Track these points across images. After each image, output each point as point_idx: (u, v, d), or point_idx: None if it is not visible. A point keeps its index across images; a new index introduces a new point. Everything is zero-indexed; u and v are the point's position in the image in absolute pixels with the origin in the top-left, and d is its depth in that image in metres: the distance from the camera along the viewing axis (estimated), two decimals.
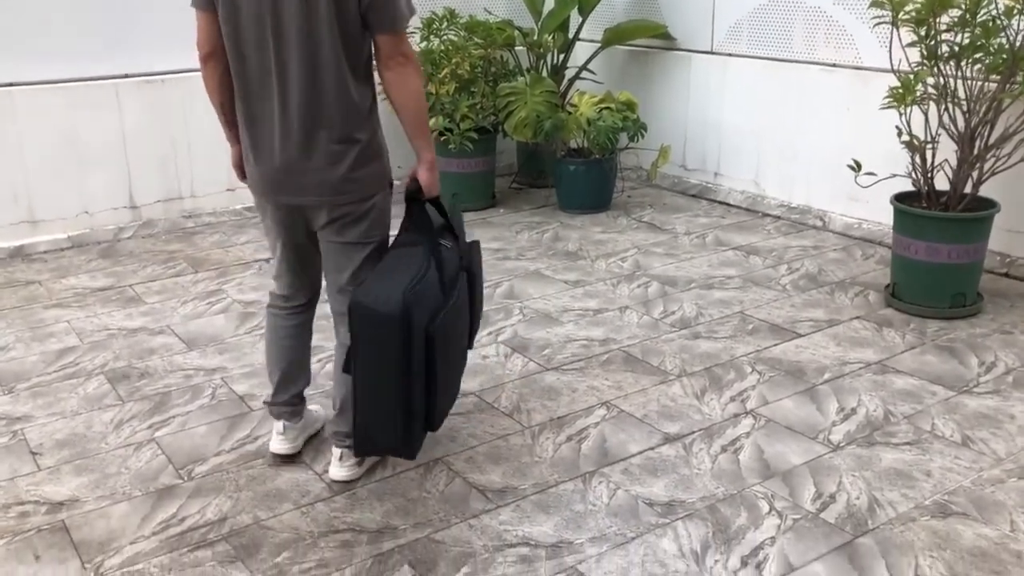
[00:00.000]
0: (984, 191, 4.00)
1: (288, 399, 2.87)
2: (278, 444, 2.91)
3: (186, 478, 2.85)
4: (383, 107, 2.56)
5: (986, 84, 3.88)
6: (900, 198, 4.08)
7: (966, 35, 3.81)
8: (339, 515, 2.65)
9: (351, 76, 2.45)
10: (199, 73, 2.62)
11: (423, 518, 2.64)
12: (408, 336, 2.36)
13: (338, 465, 2.80)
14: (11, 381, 3.51)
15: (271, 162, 2.54)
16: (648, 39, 6.04)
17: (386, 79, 2.47)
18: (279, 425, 2.90)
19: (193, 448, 3.02)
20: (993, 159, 3.92)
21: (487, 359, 3.61)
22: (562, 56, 6.01)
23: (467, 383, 3.39)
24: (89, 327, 4.00)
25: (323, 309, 2.87)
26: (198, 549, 2.51)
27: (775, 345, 3.73)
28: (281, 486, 2.80)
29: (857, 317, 4.00)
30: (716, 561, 2.43)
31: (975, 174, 3.94)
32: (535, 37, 5.88)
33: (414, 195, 2.63)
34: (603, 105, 5.47)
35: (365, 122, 2.52)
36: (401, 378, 2.41)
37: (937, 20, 3.83)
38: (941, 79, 3.93)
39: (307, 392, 2.98)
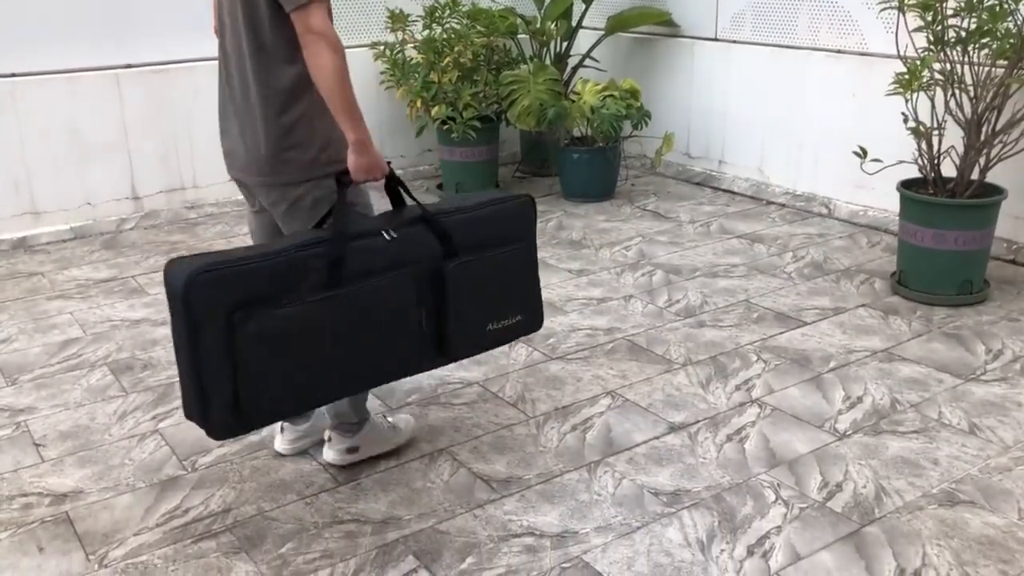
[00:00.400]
0: (991, 177, 3.97)
1: None
2: (277, 442, 2.92)
3: (190, 469, 2.85)
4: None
5: (993, 69, 3.85)
6: (906, 185, 4.05)
7: (973, 20, 3.78)
8: (343, 506, 2.64)
9: (272, 57, 2.41)
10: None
11: (427, 508, 2.63)
12: (189, 314, 2.22)
13: (327, 446, 2.82)
14: (14, 373, 3.50)
15: (224, 138, 2.63)
16: (651, 26, 6.01)
17: (304, 57, 2.38)
18: (279, 425, 2.91)
19: (197, 439, 3.01)
20: (1000, 145, 3.89)
21: None
22: (565, 44, 5.98)
23: (471, 373, 3.38)
24: (92, 318, 3.99)
25: None
26: (202, 540, 2.51)
27: (780, 333, 3.72)
28: (285, 477, 2.79)
29: (863, 305, 3.98)
30: (722, 551, 2.42)
31: (982, 160, 3.91)
32: (538, 25, 5.86)
33: (338, 177, 2.47)
34: (606, 93, 5.44)
35: (291, 105, 2.44)
36: (189, 354, 2.27)
37: (943, 5, 3.80)
38: (948, 65, 3.90)
39: None
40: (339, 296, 2.36)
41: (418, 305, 2.49)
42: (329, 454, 2.82)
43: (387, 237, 2.44)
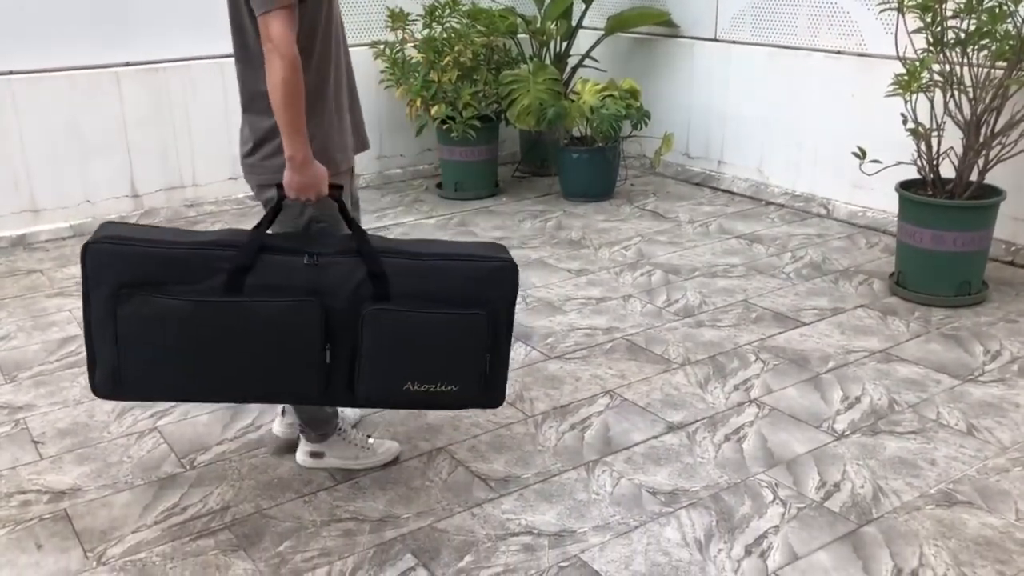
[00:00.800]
0: (990, 179, 3.97)
1: None
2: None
3: (188, 467, 2.85)
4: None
5: (992, 71, 3.86)
6: (905, 186, 4.05)
7: (972, 21, 3.78)
8: (341, 504, 2.65)
9: (256, 60, 2.38)
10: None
11: (426, 507, 2.63)
12: (84, 276, 2.31)
13: (299, 445, 2.85)
14: (13, 370, 3.50)
15: None
16: (651, 26, 6.01)
17: None
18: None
19: (195, 437, 3.01)
20: (999, 146, 3.90)
21: None
22: (565, 44, 5.98)
23: None
24: None
25: None
26: (200, 538, 2.51)
27: (779, 333, 3.72)
28: (283, 475, 2.79)
29: (861, 305, 3.98)
30: (720, 550, 2.43)
31: (981, 161, 3.92)
32: (538, 25, 5.86)
33: (277, 187, 2.40)
34: (606, 93, 5.45)
35: (270, 108, 2.38)
36: (85, 311, 2.34)
37: (943, 6, 3.80)
38: (947, 66, 3.90)
39: None
40: (236, 304, 2.32)
41: (325, 338, 2.35)
42: (297, 453, 2.85)
43: (305, 261, 2.35)
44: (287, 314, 2.33)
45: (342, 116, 2.54)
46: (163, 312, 2.30)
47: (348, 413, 3.04)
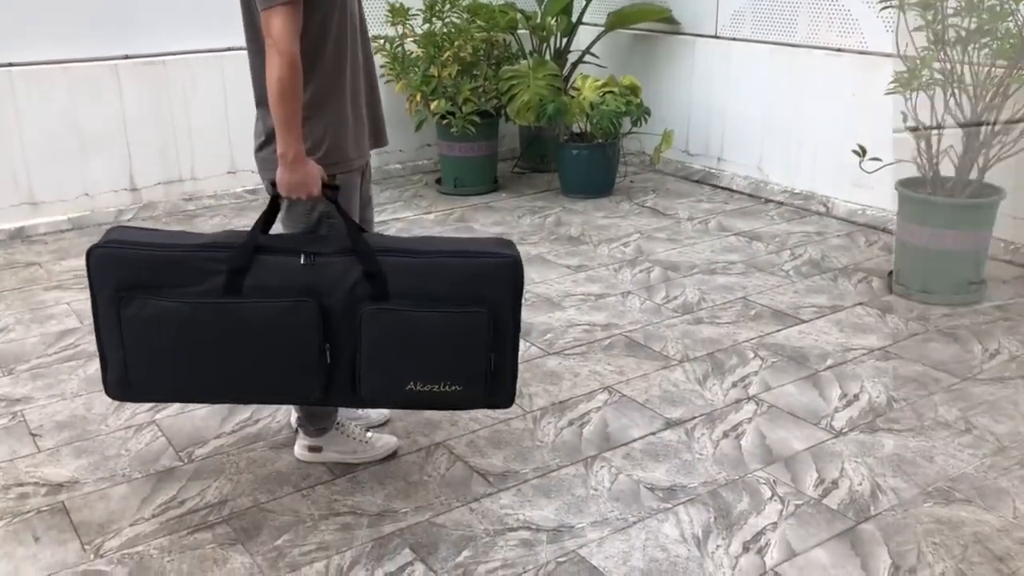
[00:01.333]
0: (989, 177, 3.97)
1: None
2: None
3: (186, 460, 2.84)
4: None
5: (993, 69, 3.85)
6: (905, 184, 4.05)
7: (973, 20, 3.78)
8: (339, 498, 2.64)
9: (262, 54, 2.35)
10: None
11: (424, 502, 2.63)
12: (90, 281, 2.36)
13: (297, 438, 2.85)
14: (11, 363, 3.50)
15: None
16: (652, 23, 6.00)
17: None
18: None
19: (194, 430, 3.01)
20: (999, 145, 3.90)
21: None
22: (565, 40, 5.98)
23: None
24: (89, 309, 3.97)
25: None
26: (198, 531, 2.51)
27: (778, 331, 3.72)
28: (281, 469, 2.79)
29: (860, 303, 3.99)
30: (718, 546, 2.43)
31: (981, 160, 3.92)
32: (538, 20, 5.85)
33: (271, 187, 2.41)
34: (606, 89, 5.44)
35: None
36: (94, 315, 2.40)
37: (944, 4, 3.80)
38: (947, 64, 3.90)
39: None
40: (232, 305, 2.31)
41: (323, 338, 2.34)
42: (295, 448, 2.85)
43: (302, 261, 2.33)
44: (284, 315, 2.33)
45: (359, 111, 2.52)
46: (161, 315, 2.32)
47: (373, 414, 3.04)
